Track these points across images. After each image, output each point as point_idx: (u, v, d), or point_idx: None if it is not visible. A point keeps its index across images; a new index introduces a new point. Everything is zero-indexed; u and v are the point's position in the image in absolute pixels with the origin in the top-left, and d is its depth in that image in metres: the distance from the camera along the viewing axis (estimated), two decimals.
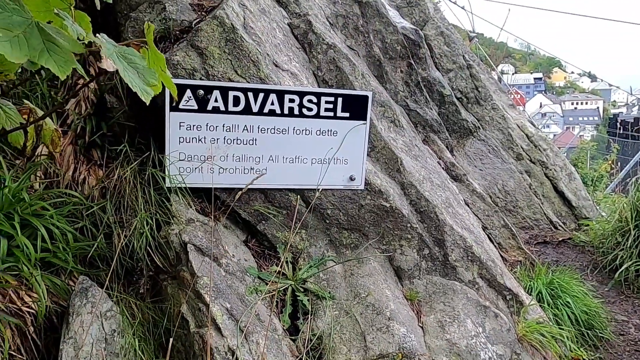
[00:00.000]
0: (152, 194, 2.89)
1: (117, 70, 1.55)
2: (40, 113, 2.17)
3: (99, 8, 1.94)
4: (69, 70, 1.39)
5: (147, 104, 1.61)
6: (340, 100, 3.20)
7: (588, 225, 5.51)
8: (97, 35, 1.61)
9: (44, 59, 1.36)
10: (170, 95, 2.94)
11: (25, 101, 2.33)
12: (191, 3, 3.52)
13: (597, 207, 6.49)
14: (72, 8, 1.68)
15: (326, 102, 3.18)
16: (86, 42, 1.58)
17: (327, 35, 3.87)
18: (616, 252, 4.93)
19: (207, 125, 3.01)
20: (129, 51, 1.62)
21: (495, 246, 4.91)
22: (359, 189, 3.34)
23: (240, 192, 2.58)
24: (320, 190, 3.21)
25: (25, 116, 2.11)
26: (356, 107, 3.24)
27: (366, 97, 3.26)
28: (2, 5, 1.33)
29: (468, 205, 4.95)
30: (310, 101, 3.15)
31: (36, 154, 2.84)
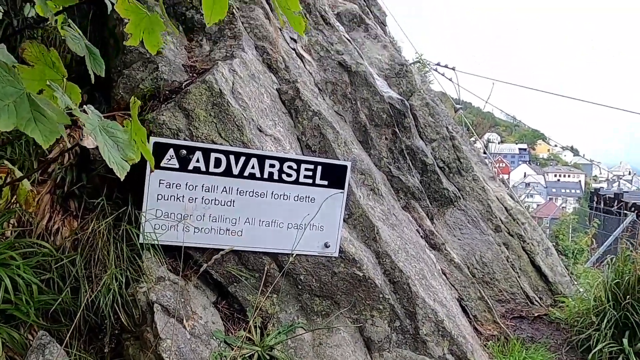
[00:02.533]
0: (124, 249, 2.88)
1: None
2: (18, 174, 2.20)
3: (93, 82, 2.02)
4: (52, 140, 1.44)
5: (122, 179, 1.65)
6: (319, 168, 3.28)
7: (564, 302, 5.52)
8: (85, 106, 1.67)
9: (30, 128, 1.40)
10: (153, 150, 3.00)
11: (5, 161, 2.36)
12: (184, 64, 3.66)
13: (576, 282, 6.53)
14: (65, 79, 1.76)
15: (306, 169, 3.26)
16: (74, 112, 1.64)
17: (313, 103, 4.01)
18: (590, 331, 4.91)
19: (186, 185, 3.05)
20: (112, 125, 1.68)
21: (470, 319, 4.88)
22: (333, 256, 3.35)
23: (215, 257, 2.59)
24: (294, 255, 3.22)
25: (3, 175, 2.14)
26: (335, 176, 3.32)
27: (345, 166, 3.34)
28: None
29: (445, 275, 4.97)
30: (290, 167, 3.22)
31: (11, 201, 2.83)
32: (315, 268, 3.34)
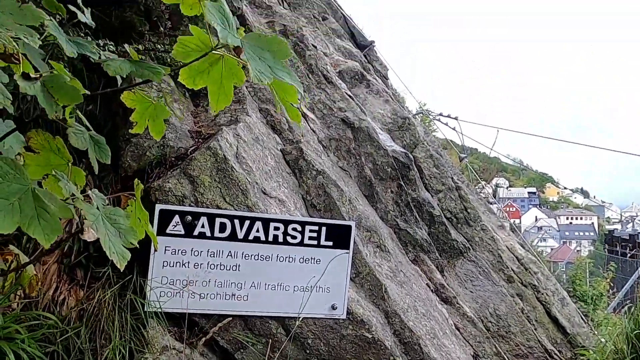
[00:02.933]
0: (128, 319, 2.86)
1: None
2: (24, 258, 2.24)
3: (96, 172, 2.09)
4: (53, 239, 1.47)
5: (121, 270, 1.68)
6: (324, 229, 3.29)
7: (584, 354, 5.32)
8: (90, 191, 1.72)
9: (32, 227, 1.43)
10: (159, 218, 3.04)
11: (11, 246, 2.41)
12: (190, 130, 3.76)
13: (597, 331, 6.31)
14: (70, 163, 1.82)
15: (310, 230, 3.27)
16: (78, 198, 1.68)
17: (317, 162, 4.07)
18: None
19: (192, 250, 3.06)
20: (114, 211, 1.72)
21: None
22: (341, 318, 3.30)
23: (220, 324, 2.56)
24: (301, 319, 3.18)
25: (10, 257, 2.17)
26: (340, 236, 3.32)
27: (349, 227, 3.35)
28: (3, 174, 1.45)
29: (459, 330, 4.84)
30: (294, 229, 3.23)
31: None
32: (323, 331, 3.28)
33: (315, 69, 5.50)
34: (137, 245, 1.75)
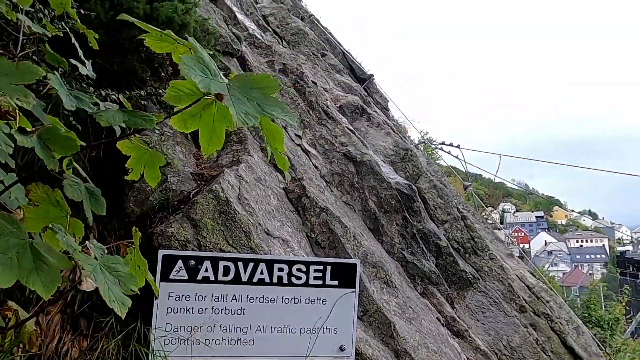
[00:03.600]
0: None
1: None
2: (23, 314, 2.23)
3: (90, 224, 2.09)
4: (53, 290, 1.47)
5: (122, 318, 1.66)
6: (329, 268, 3.25)
7: None
8: (87, 242, 1.72)
9: (32, 280, 1.44)
10: (162, 263, 3.03)
11: (9, 302, 2.40)
12: (192, 172, 3.78)
13: (615, 358, 6.14)
14: (68, 215, 1.82)
15: (315, 270, 3.23)
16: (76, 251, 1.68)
17: (320, 199, 4.07)
18: None
19: (196, 295, 3.03)
20: (113, 259, 1.72)
21: None
22: (349, 359, 3.22)
23: None
24: None
25: (9, 313, 2.16)
26: (345, 275, 3.28)
27: (354, 265, 3.31)
28: (1, 229, 1.46)
29: None
30: (299, 270, 3.20)
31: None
32: None
33: (316, 105, 5.56)
34: (138, 292, 1.74)
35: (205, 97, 1.60)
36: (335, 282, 3.27)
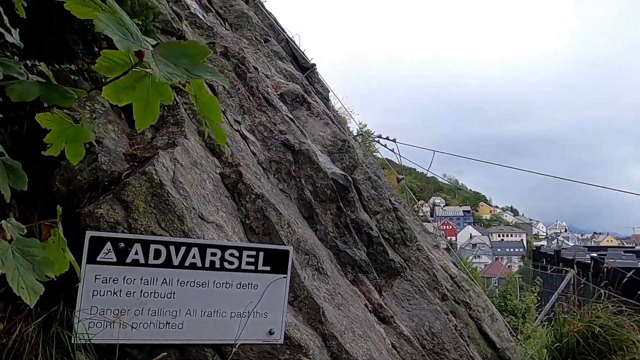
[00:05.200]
0: (54, 353, 2.71)
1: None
2: None
3: (7, 200, 1.99)
4: None
5: (32, 307, 1.61)
6: (262, 254, 3.30)
7: None
8: (3, 222, 1.65)
9: None
10: (89, 245, 2.93)
11: None
12: (125, 152, 3.67)
13: (525, 344, 6.66)
14: None
15: (248, 255, 3.26)
16: None
17: (256, 185, 4.09)
18: None
19: (124, 279, 2.97)
20: (29, 242, 1.66)
21: None
22: (278, 343, 3.30)
23: (155, 359, 2.49)
24: (238, 345, 3.15)
25: None
26: (277, 261, 3.34)
27: (287, 251, 3.38)
28: None
29: (396, 349, 4.95)
30: (232, 255, 3.22)
31: None
32: (260, 357, 3.26)
33: (256, 91, 5.54)
34: (55, 278, 1.69)
35: (140, 68, 1.54)
36: (268, 268, 3.32)
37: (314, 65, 7.83)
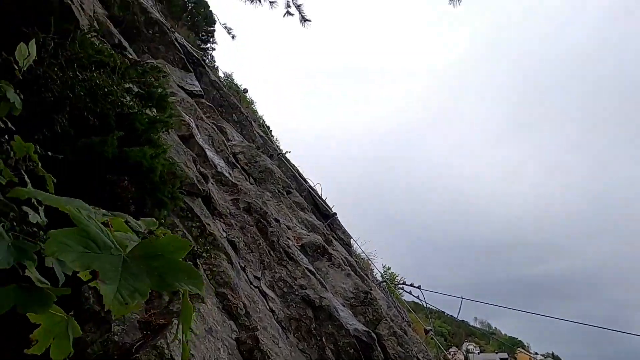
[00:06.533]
0: None
1: None
2: None
3: None
4: None
5: None
6: None
7: None
8: None
9: None
10: None
11: None
12: (140, 319, 3.59)
13: None
14: None
15: None
16: None
17: (273, 352, 3.88)
18: None
19: None
20: None
21: None
22: None
23: None
24: None
25: None
26: None
27: None
28: None
29: None
30: None
31: None
32: None
33: (277, 245, 5.59)
34: None
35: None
36: None
37: (335, 214, 8.00)
